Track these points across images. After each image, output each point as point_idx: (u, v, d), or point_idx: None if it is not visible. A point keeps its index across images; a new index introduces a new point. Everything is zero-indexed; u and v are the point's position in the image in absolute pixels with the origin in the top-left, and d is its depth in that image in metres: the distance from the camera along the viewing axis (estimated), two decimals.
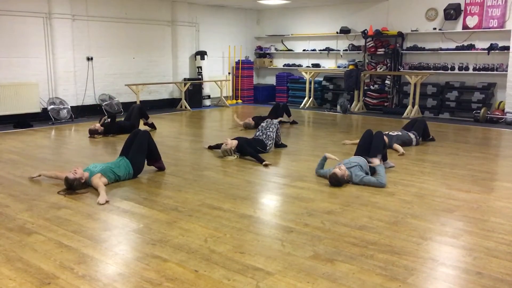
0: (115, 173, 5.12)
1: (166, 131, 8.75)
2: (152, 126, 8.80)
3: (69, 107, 9.99)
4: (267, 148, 6.74)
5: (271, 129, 6.85)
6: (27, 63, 9.75)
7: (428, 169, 5.83)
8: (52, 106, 9.75)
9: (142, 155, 5.41)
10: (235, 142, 6.42)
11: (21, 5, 9.50)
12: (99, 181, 4.84)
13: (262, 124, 7.06)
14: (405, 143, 7.13)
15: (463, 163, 6.14)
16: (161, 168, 5.68)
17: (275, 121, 7.07)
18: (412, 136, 7.29)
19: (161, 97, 12.38)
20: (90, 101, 10.78)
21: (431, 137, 7.69)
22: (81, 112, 10.45)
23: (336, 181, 4.98)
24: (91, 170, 4.99)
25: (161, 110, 11.71)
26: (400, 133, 7.25)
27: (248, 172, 5.77)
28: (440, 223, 3.94)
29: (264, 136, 6.83)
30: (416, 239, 3.58)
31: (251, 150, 6.34)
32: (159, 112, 11.31)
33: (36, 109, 9.79)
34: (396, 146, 6.87)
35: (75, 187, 4.78)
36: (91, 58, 10.73)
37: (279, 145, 7.06)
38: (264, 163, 6.03)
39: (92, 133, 8.02)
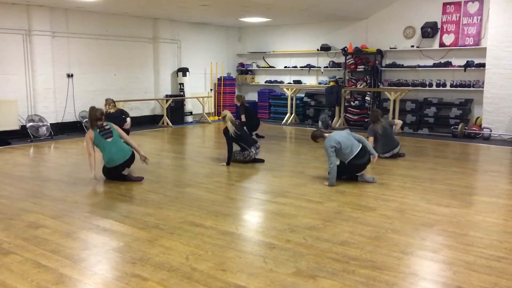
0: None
1: (147, 148, 8.66)
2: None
3: (49, 124, 9.86)
4: (248, 152, 6.98)
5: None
6: (6, 80, 9.62)
7: (408, 184, 5.90)
8: (31, 124, 9.61)
9: None
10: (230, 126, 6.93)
11: (0, 22, 9.41)
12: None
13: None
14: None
15: (442, 178, 6.23)
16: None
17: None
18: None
19: (143, 114, 12.31)
20: (70, 118, 10.66)
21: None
22: (61, 129, 10.32)
23: None
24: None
25: (142, 126, 11.62)
26: None
27: (230, 189, 5.75)
28: (420, 238, 3.97)
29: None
30: (397, 254, 3.60)
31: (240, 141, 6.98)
32: (141, 129, 11.24)
33: (15, 126, 9.62)
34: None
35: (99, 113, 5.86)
36: (72, 75, 10.64)
37: (256, 159, 7.11)
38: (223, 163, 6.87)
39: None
